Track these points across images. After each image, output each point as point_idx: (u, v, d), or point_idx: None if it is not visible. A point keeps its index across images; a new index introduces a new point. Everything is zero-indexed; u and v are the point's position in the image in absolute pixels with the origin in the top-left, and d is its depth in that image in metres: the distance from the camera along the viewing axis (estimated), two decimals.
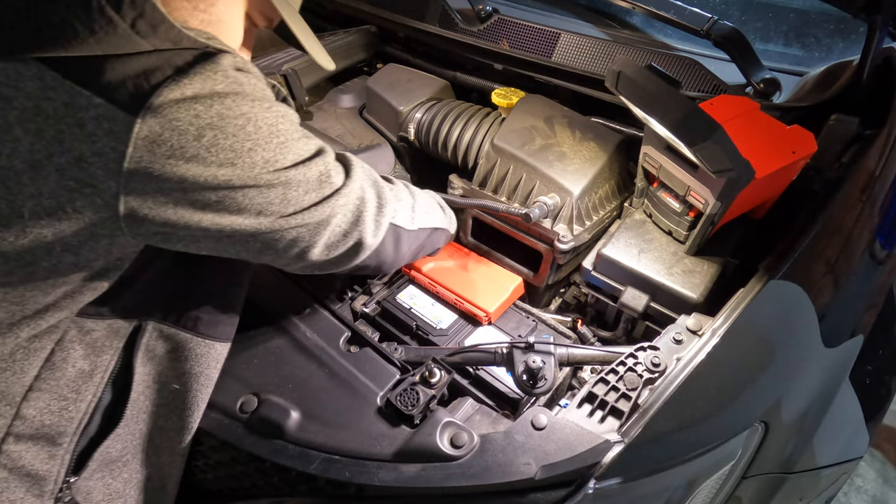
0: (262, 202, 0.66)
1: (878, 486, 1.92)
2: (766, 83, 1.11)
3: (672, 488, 0.81)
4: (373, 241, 0.83)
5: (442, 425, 0.81)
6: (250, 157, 0.62)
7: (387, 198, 0.85)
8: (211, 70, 0.59)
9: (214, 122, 0.59)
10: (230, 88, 0.60)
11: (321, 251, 0.77)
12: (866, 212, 0.99)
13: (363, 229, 0.80)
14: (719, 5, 1.37)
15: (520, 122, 1.23)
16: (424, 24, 1.46)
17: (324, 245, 0.76)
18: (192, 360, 0.82)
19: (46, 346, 0.70)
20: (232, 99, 0.60)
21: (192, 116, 0.58)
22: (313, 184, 0.70)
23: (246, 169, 0.62)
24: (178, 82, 0.57)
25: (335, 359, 0.94)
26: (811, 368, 0.90)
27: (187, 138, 0.58)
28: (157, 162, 0.58)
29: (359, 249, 0.82)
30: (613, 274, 1.07)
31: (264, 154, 0.63)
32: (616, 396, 0.81)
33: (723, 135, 0.84)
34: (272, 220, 0.68)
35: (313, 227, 0.73)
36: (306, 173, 0.69)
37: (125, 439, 0.81)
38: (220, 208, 0.64)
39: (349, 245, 0.80)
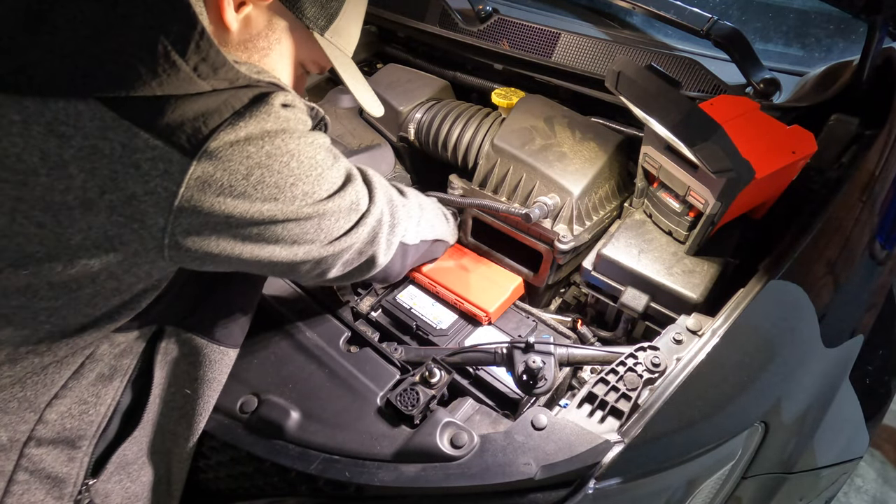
0: (298, 233, 0.69)
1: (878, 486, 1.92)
2: (766, 83, 1.11)
3: (672, 488, 0.81)
4: (384, 259, 0.87)
5: (442, 425, 0.81)
6: (291, 192, 0.65)
7: (399, 217, 0.89)
8: (265, 111, 0.62)
9: (263, 161, 0.61)
10: (279, 126, 0.63)
11: (338, 270, 0.81)
12: (866, 212, 0.98)
13: (377, 249, 0.84)
14: (719, 5, 1.37)
15: (520, 122, 1.23)
16: (424, 24, 1.46)
17: (342, 264, 0.81)
18: (205, 366, 0.83)
19: (79, 360, 0.71)
20: (280, 138, 0.63)
21: (244, 157, 0.60)
22: (344, 212, 0.74)
23: (287, 203, 0.65)
24: (233, 125, 0.59)
25: (335, 359, 0.94)
26: (811, 368, 0.90)
27: (237, 177, 0.60)
28: (207, 200, 0.60)
29: (371, 266, 0.86)
30: (613, 274, 1.07)
31: (304, 188, 0.66)
32: (616, 396, 0.81)
33: (723, 135, 0.84)
34: (306, 249, 0.72)
35: (339, 252, 0.77)
36: (339, 203, 0.72)
37: (141, 442, 0.82)
38: (260, 240, 0.67)
39: (362, 262, 0.84)
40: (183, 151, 0.57)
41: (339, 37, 0.78)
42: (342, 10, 0.76)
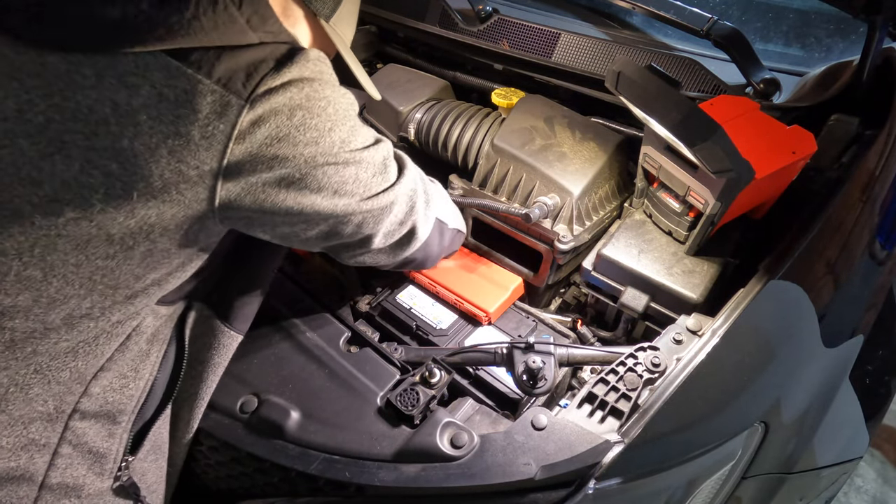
0: (338, 181, 0.72)
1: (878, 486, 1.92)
2: (766, 83, 1.11)
3: (672, 488, 0.81)
4: (423, 233, 0.90)
5: (442, 425, 0.81)
6: (330, 137, 0.69)
7: (431, 193, 0.92)
8: (303, 60, 0.67)
9: (303, 104, 0.66)
10: (315, 75, 0.68)
11: (381, 239, 0.83)
12: (866, 212, 0.98)
13: (416, 219, 0.87)
14: (719, 5, 1.37)
15: (520, 122, 1.23)
16: (424, 24, 1.46)
17: (383, 233, 0.83)
18: (216, 349, 0.85)
19: (126, 331, 0.73)
20: (318, 83, 0.68)
21: (287, 98, 0.65)
22: (379, 167, 0.77)
23: (327, 147, 0.69)
24: (278, 71, 0.65)
25: (335, 359, 0.94)
26: (811, 368, 0.90)
27: (282, 118, 0.65)
28: (256, 142, 0.64)
29: (412, 239, 0.89)
30: (613, 274, 1.07)
31: (340, 134, 0.70)
32: (616, 396, 0.81)
33: (723, 135, 0.84)
34: (345, 202, 0.74)
35: (378, 212, 0.79)
36: (374, 155, 0.76)
37: (169, 421, 0.84)
38: (303, 186, 0.69)
39: (403, 233, 0.87)
40: (238, 95, 0.62)
41: (341, 23, 0.81)
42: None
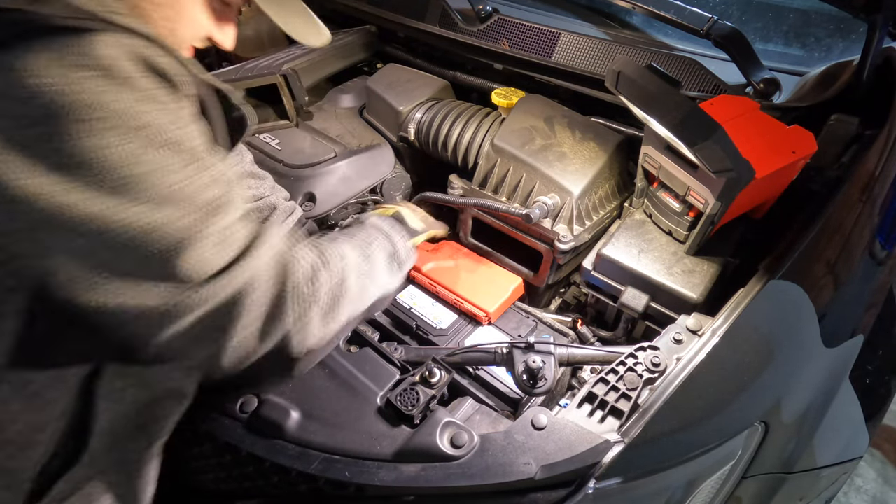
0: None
1: (878, 486, 1.92)
2: (766, 83, 1.11)
3: (672, 488, 0.81)
4: (251, 349, 0.64)
5: (442, 425, 0.81)
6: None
7: (293, 304, 0.65)
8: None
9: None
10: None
11: (179, 341, 0.59)
12: (866, 212, 0.98)
13: (234, 334, 0.62)
14: (719, 5, 1.37)
15: (520, 122, 1.23)
16: (424, 24, 1.46)
17: (187, 325, 0.59)
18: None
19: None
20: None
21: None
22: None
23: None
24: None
25: (335, 359, 0.94)
26: (811, 368, 0.90)
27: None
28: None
29: (220, 359, 0.63)
30: (613, 274, 1.07)
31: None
32: (616, 396, 0.81)
33: (723, 135, 0.84)
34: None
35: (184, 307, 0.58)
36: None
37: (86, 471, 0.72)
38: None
39: (206, 353, 0.63)
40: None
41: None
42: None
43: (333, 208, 1.27)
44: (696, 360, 0.80)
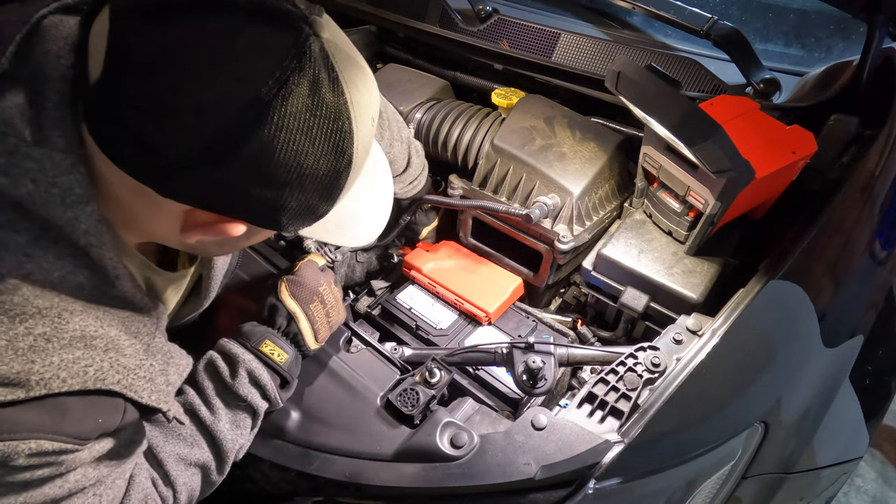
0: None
1: (878, 486, 1.92)
2: (766, 83, 1.11)
3: (672, 488, 0.81)
4: None
5: (442, 425, 0.81)
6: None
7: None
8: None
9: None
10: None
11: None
12: (866, 212, 0.98)
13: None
14: (719, 5, 1.37)
15: (520, 122, 1.23)
16: (424, 24, 1.46)
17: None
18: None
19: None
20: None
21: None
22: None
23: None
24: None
25: (335, 359, 0.94)
26: (811, 368, 0.90)
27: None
28: None
29: None
30: (613, 274, 1.07)
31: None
32: (616, 396, 0.81)
33: (723, 135, 0.84)
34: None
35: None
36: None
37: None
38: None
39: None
40: None
41: (331, 216, 0.65)
42: (332, 209, 0.63)
43: None
44: (696, 360, 0.80)
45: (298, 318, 0.86)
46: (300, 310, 0.87)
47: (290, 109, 0.51)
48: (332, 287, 0.93)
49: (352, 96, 0.56)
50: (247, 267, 1.10)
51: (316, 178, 0.57)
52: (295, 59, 0.51)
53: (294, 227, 0.64)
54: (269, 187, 0.55)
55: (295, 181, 0.55)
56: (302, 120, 0.52)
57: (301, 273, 0.92)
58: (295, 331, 0.86)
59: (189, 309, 0.87)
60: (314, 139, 0.54)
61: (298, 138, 0.53)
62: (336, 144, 0.56)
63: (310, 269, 0.93)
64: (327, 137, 0.55)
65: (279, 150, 0.52)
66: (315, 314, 0.88)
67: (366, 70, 0.60)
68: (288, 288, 0.88)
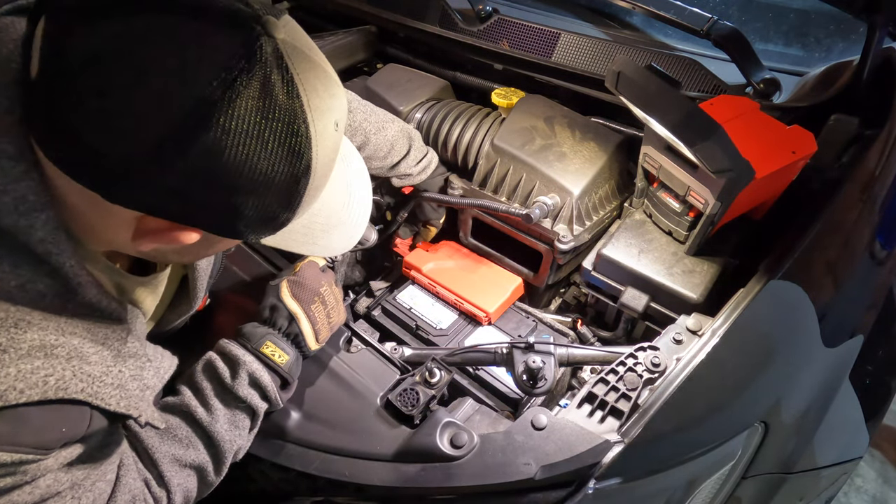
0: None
1: (878, 486, 1.92)
2: (766, 83, 1.11)
3: (672, 488, 0.81)
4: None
5: (442, 425, 0.81)
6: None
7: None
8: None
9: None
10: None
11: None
12: (866, 212, 0.98)
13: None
14: (719, 5, 1.37)
15: (520, 122, 1.23)
16: (424, 24, 1.46)
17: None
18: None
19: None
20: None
21: None
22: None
23: None
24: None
25: (335, 359, 0.94)
26: (811, 368, 0.90)
27: None
28: None
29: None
30: (613, 274, 1.07)
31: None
32: (616, 396, 0.81)
33: (723, 135, 0.84)
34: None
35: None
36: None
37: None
38: None
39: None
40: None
41: (298, 222, 0.63)
42: (294, 217, 0.61)
43: None
44: (696, 360, 0.80)
45: (299, 319, 0.86)
46: (301, 311, 0.87)
47: (238, 112, 0.49)
48: (332, 288, 0.93)
49: (309, 99, 0.53)
50: (247, 267, 1.10)
51: (271, 183, 0.54)
52: (243, 59, 0.49)
53: (255, 236, 0.61)
54: (220, 192, 0.53)
55: (247, 186, 0.53)
56: (252, 123, 0.50)
57: (302, 273, 0.91)
58: (296, 331, 0.86)
59: (179, 312, 0.86)
60: (266, 143, 0.52)
61: (248, 142, 0.51)
62: (291, 148, 0.53)
63: (311, 270, 0.92)
64: (281, 141, 0.52)
65: (228, 154, 0.50)
66: (316, 315, 0.88)
67: (328, 72, 0.58)
68: (289, 288, 0.88)
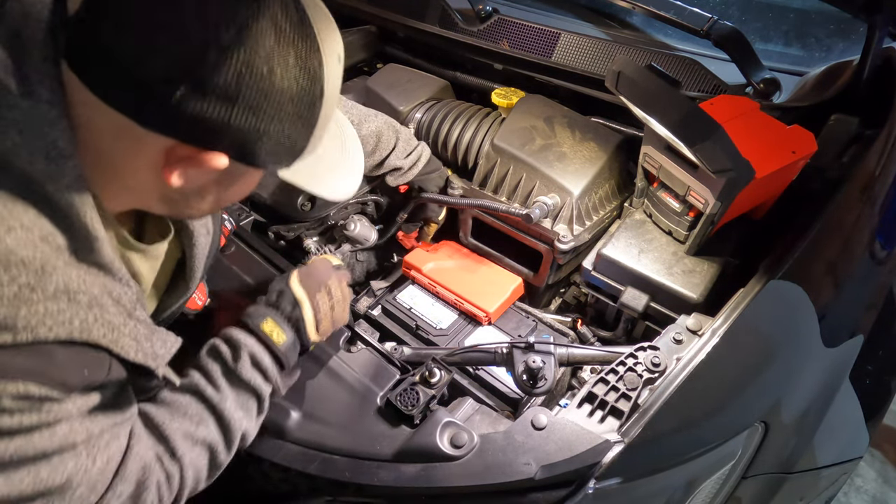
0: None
1: (878, 486, 1.92)
2: (766, 83, 1.11)
3: (672, 488, 0.81)
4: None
5: (442, 425, 0.81)
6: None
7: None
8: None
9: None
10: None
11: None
12: (866, 212, 0.98)
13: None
14: (719, 5, 1.37)
15: (520, 122, 1.23)
16: (424, 24, 1.46)
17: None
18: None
19: None
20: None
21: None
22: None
23: None
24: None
25: (335, 359, 0.94)
26: (811, 368, 0.90)
27: None
28: None
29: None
30: (613, 274, 1.07)
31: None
32: (616, 396, 0.81)
33: (723, 135, 0.84)
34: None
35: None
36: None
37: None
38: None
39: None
40: None
41: (309, 153, 0.69)
42: (309, 143, 0.66)
43: (334, 208, 1.27)
44: (696, 360, 0.80)
45: (303, 305, 0.87)
46: (306, 297, 0.87)
47: (265, 34, 0.54)
48: (342, 284, 0.94)
49: (319, 29, 0.60)
50: (247, 267, 1.10)
51: (292, 102, 0.59)
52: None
53: (274, 165, 0.65)
54: (246, 112, 0.57)
55: (272, 106, 0.58)
56: (275, 42, 0.55)
57: (313, 265, 0.93)
58: (298, 316, 0.86)
59: (177, 295, 0.87)
60: (288, 66, 0.57)
61: (274, 63, 0.56)
62: (309, 70, 0.59)
63: (323, 264, 0.94)
64: (301, 65, 0.58)
65: (257, 75, 0.55)
66: (320, 304, 0.89)
67: (327, 12, 0.64)
68: (298, 276, 0.90)
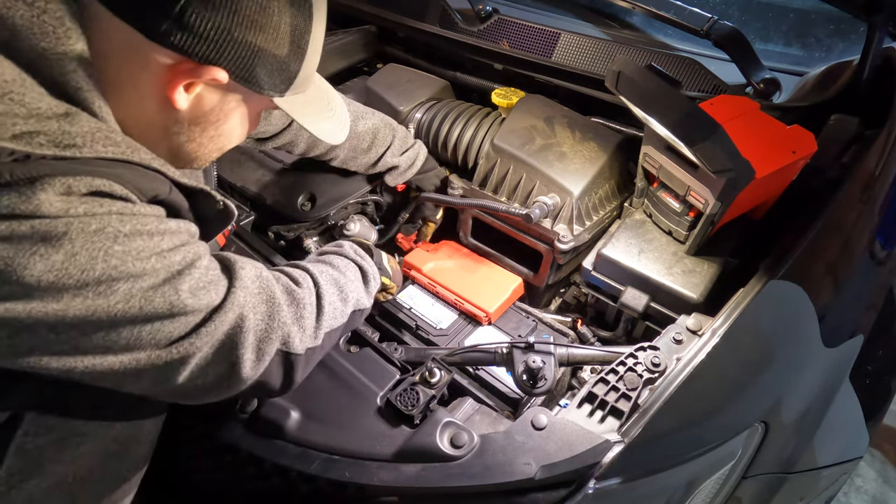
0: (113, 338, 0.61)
1: (878, 486, 1.92)
2: (766, 83, 1.11)
3: (672, 488, 0.81)
4: (251, 373, 0.71)
5: (442, 425, 0.81)
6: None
7: (279, 320, 0.73)
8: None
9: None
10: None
11: (185, 376, 0.66)
12: (866, 212, 0.98)
13: (238, 359, 0.69)
14: (719, 5, 1.37)
15: (520, 122, 1.23)
16: (424, 24, 1.46)
17: (188, 372, 0.66)
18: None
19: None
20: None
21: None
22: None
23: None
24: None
25: (335, 359, 0.94)
26: (811, 368, 0.90)
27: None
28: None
29: (231, 380, 0.70)
30: (613, 274, 1.07)
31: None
32: (616, 396, 0.81)
33: (723, 135, 0.84)
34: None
35: (176, 359, 0.64)
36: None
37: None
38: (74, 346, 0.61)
39: (219, 374, 0.69)
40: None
41: (301, 86, 0.74)
42: (301, 69, 0.72)
43: (334, 208, 1.27)
44: (696, 360, 0.80)
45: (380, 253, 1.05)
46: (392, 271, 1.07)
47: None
48: (396, 284, 1.10)
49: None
50: None
51: (285, 22, 0.65)
52: None
53: (272, 89, 0.70)
54: (246, 24, 0.62)
55: (268, 23, 0.63)
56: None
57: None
58: (378, 253, 1.04)
59: None
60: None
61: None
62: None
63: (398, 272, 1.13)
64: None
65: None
66: (393, 276, 1.07)
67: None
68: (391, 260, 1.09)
